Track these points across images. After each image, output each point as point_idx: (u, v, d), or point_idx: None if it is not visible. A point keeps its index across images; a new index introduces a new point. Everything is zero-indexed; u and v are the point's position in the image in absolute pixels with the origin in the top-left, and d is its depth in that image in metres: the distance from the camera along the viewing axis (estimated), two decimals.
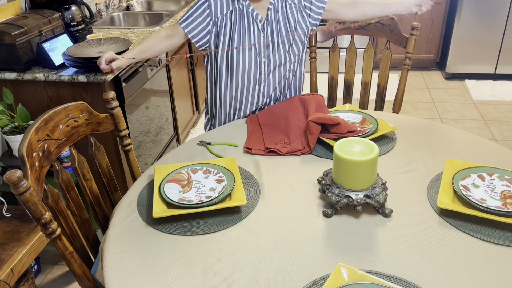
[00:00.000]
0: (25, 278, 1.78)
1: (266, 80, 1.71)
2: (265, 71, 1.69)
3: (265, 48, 1.66)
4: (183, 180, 1.31)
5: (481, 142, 1.49)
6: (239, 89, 1.71)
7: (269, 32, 1.65)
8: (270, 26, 1.65)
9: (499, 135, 3.17)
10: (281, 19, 1.66)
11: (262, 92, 1.73)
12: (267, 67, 1.68)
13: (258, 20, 1.62)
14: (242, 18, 1.62)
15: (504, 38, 3.81)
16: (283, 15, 1.66)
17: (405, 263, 1.02)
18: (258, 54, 1.65)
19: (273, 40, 1.66)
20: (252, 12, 1.62)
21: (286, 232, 1.13)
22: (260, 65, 1.67)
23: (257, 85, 1.71)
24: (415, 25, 1.96)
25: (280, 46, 1.67)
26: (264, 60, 1.66)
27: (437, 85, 4.00)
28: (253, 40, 1.64)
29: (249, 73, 1.67)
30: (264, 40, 1.64)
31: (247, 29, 1.63)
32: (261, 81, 1.70)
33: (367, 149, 1.15)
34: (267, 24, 1.64)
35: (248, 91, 1.72)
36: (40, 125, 1.20)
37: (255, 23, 1.62)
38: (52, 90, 2.01)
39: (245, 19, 1.63)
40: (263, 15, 1.64)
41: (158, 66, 2.48)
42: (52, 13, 2.16)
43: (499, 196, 1.19)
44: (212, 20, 1.63)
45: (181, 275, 1.01)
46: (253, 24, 1.63)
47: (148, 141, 2.45)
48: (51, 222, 1.09)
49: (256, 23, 1.62)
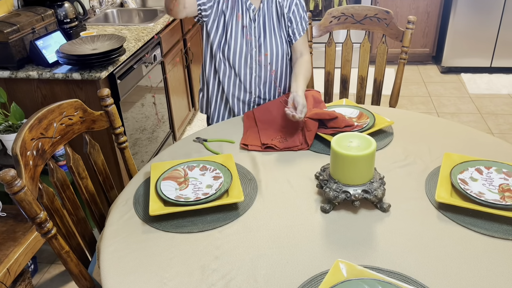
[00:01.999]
0: (22, 278, 1.77)
1: (258, 69, 1.70)
2: (256, 61, 1.69)
3: (256, 38, 1.66)
4: (179, 177, 1.30)
5: (478, 136, 1.49)
6: (233, 72, 1.71)
7: (261, 22, 1.65)
8: (262, 17, 1.65)
9: (495, 128, 3.18)
10: (273, 13, 1.66)
11: (255, 82, 1.73)
12: (258, 57, 1.68)
13: (250, 10, 1.63)
14: (236, 4, 1.64)
15: (500, 32, 3.81)
16: (276, 10, 1.66)
17: (403, 258, 1.02)
18: (249, 43, 1.66)
19: (264, 31, 1.66)
20: (246, 1, 1.63)
21: (284, 228, 1.12)
22: (251, 55, 1.68)
23: (248, 73, 1.70)
24: (411, 19, 1.95)
25: (272, 38, 1.68)
26: (255, 50, 1.67)
27: (433, 79, 4.00)
28: (245, 29, 1.65)
29: (239, 59, 1.68)
30: (255, 31, 1.64)
31: (241, 16, 1.64)
32: (252, 69, 1.70)
33: (365, 144, 1.15)
34: (258, 15, 1.64)
35: (240, 74, 1.71)
36: (34, 124, 1.18)
37: (248, 12, 1.63)
38: (46, 88, 1.99)
39: (239, 7, 1.64)
40: (256, 5, 1.65)
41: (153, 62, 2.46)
42: (45, 10, 2.13)
43: (497, 190, 1.18)
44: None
45: (178, 273, 1.00)
46: (246, 13, 1.63)
47: (144, 139, 2.43)
48: (46, 221, 1.08)
49: (249, 12, 1.63)
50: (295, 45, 1.73)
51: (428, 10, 3.98)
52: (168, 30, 2.71)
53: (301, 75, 1.64)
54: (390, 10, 2.01)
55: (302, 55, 1.73)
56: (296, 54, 1.74)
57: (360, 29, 2.07)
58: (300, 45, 1.73)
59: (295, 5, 1.68)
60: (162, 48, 2.60)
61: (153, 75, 2.51)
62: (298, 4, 1.69)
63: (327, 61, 2.13)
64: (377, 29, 2.04)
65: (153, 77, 2.51)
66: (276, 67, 1.73)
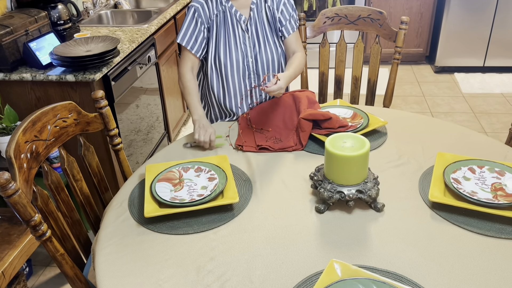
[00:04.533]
0: (17, 281, 1.76)
1: (256, 80, 1.70)
2: (254, 72, 1.68)
3: (251, 48, 1.65)
4: (174, 178, 1.30)
5: (471, 135, 1.50)
6: (231, 91, 1.70)
7: (254, 32, 1.65)
8: (254, 26, 1.64)
9: (488, 128, 3.20)
10: (264, 19, 1.66)
11: (254, 92, 1.72)
12: (255, 67, 1.67)
13: (241, 21, 1.62)
14: (226, 20, 1.63)
15: (492, 31, 3.83)
16: (266, 16, 1.66)
17: (398, 257, 1.02)
18: (245, 55, 1.65)
19: (258, 40, 1.65)
20: (235, 13, 1.62)
21: (279, 229, 1.13)
22: (248, 66, 1.67)
23: (247, 85, 1.70)
24: (404, 19, 1.97)
25: (267, 46, 1.67)
26: (251, 60, 1.66)
27: (427, 79, 4.02)
28: (238, 42, 1.63)
29: (238, 73, 1.66)
30: (249, 41, 1.64)
31: (232, 31, 1.63)
32: (251, 80, 1.69)
33: (358, 144, 1.15)
34: (250, 24, 1.64)
35: (241, 91, 1.71)
36: (28, 126, 1.18)
37: (239, 24, 1.62)
38: (40, 90, 1.98)
39: (229, 21, 1.63)
40: (246, 15, 1.64)
41: (148, 64, 2.46)
42: (38, 12, 2.13)
43: (489, 189, 1.19)
44: (206, 28, 1.62)
45: (174, 274, 1.01)
46: (237, 25, 1.63)
47: (139, 140, 2.43)
48: (41, 224, 1.08)
49: (240, 24, 1.62)
50: (287, 43, 1.73)
51: (421, 10, 4.00)
52: (163, 31, 2.71)
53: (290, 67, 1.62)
54: (384, 11, 2.02)
55: (295, 52, 1.72)
56: (289, 52, 1.74)
57: (353, 29, 2.08)
58: (292, 44, 1.72)
59: (283, 4, 1.68)
60: (157, 49, 2.60)
61: (148, 77, 2.51)
62: (287, 4, 1.69)
63: (321, 61, 2.14)
64: (370, 30, 2.05)
65: (147, 79, 2.51)
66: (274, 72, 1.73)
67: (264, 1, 1.66)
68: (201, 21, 1.61)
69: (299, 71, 1.67)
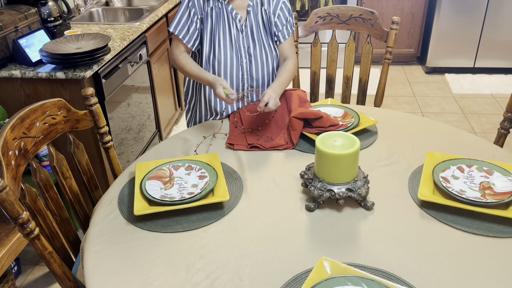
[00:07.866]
0: (5, 280, 1.74)
1: (250, 81, 1.70)
2: (247, 72, 1.68)
3: (245, 48, 1.65)
4: (164, 177, 1.30)
5: (461, 135, 1.52)
6: None
7: (249, 33, 1.64)
8: (250, 27, 1.64)
9: (478, 128, 3.23)
10: (260, 22, 1.66)
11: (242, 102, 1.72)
12: (249, 68, 1.67)
13: (237, 20, 1.62)
14: (222, 15, 1.62)
15: (483, 33, 3.87)
16: (262, 19, 1.66)
17: (387, 255, 1.03)
18: (239, 54, 1.65)
19: (254, 42, 1.65)
20: (231, 11, 1.62)
21: (269, 227, 1.13)
22: (242, 66, 1.66)
23: (240, 85, 1.70)
24: (395, 19, 1.98)
25: (262, 48, 1.67)
26: (245, 60, 1.66)
27: (418, 79, 4.04)
28: (234, 40, 1.63)
29: (231, 72, 1.66)
30: (243, 41, 1.64)
31: (228, 28, 1.63)
32: (244, 81, 1.69)
33: (349, 143, 1.16)
34: (245, 26, 1.63)
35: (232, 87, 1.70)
36: (16, 123, 1.17)
37: (234, 23, 1.62)
38: (29, 87, 1.96)
39: (225, 17, 1.62)
40: (243, 15, 1.64)
41: (139, 62, 2.45)
42: (28, 9, 2.10)
43: (478, 187, 1.20)
44: (199, 18, 1.62)
45: (163, 272, 1.00)
46: (233, 23, 1.62)
47: (130, 138, 2.42)
48: (28, 221, 1.07)
49: (235, 23, 1.62)
50: (281, 48, 1.73)
51: (412, 11, 4.03)
52: (154, 29, 2.70)
53: (280, 77, 1.63)
54: (375, 11, 2.03)
55: (287, 58, 1.73)
56: (282, 57, 1.74)
57: (345, 29, 2.09)
58: (286, 49, 1.73)
59: (280, 9, 1.68)
60: (148, 47, 2.59)
61: (139, 75, 2.50)
62: (284, 8, 1.69)
63: (313, 61, 2.14)
64: (362, 30, 2.06)
65: (139, 77, 2.49)
66: (269, 76, 1.73)
67: (261, 4, 1.66)
68: (194, 11, 1.61)
69: (289, 79, 1.68)
